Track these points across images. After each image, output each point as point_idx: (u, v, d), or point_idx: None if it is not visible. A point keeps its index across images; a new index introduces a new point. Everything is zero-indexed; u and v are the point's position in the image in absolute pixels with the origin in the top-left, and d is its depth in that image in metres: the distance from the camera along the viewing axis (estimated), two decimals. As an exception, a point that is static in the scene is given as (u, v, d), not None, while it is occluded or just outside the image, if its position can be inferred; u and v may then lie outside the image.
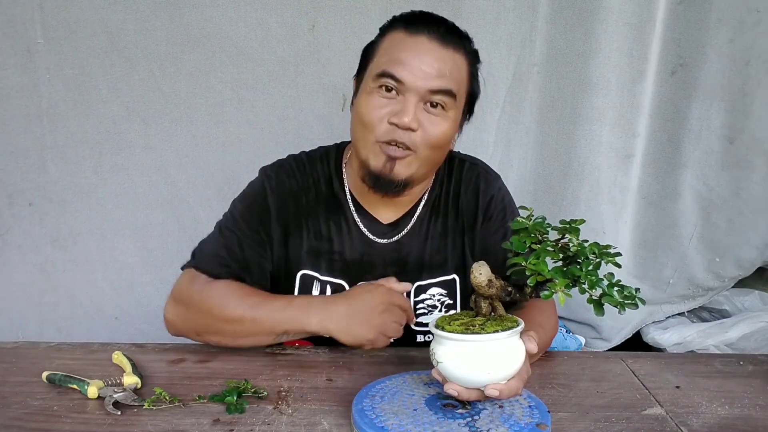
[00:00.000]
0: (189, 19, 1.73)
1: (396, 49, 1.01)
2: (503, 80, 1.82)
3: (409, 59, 0.99)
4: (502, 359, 0.78)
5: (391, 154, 1.01)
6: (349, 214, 1.14)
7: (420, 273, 1.14)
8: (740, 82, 1.76)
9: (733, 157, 1.81)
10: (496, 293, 0.80)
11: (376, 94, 1.01)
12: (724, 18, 1.73)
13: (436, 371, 0.82)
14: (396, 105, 1.00)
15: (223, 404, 0.86)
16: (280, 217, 1.11)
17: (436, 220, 1.16)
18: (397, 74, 0.99)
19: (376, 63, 1.03)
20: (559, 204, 1.88)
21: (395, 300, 1.01)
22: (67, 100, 1.79)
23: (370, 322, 0.98)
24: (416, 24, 1.02)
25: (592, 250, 0.74)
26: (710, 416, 0.87)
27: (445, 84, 1.00)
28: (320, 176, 1.15)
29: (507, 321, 0.81)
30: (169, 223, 1.87)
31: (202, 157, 1.83)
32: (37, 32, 1.74)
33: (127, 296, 1.89)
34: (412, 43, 1.00)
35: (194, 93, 1.78)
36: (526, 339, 0.81)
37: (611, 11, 1.74)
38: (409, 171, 1.03)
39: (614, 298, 0.71)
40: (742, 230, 1.84)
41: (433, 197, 1.17)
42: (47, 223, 1.86)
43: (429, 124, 1.01)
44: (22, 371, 0.97)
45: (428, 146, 1.02)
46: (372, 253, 1.13)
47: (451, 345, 0.78)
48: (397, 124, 0.99)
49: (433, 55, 1.00)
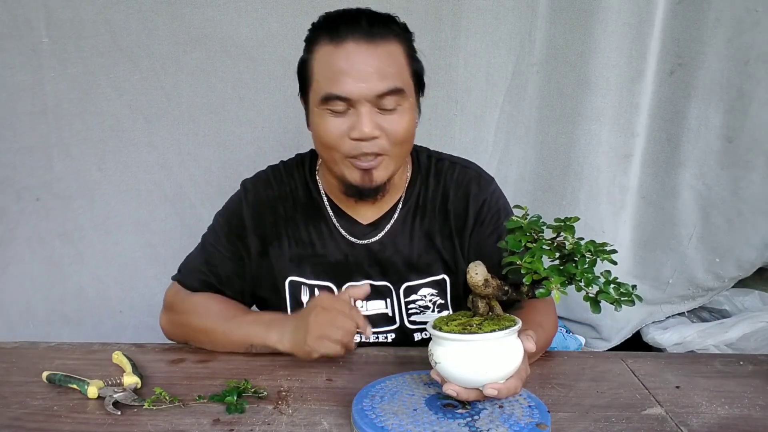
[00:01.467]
0: (191, 19, 1.73)
1: (328, 67, 0.96)
2: (502, 80, 1.81)
3: (344, 73, 0.95)
4: (500, 358, 0.77)
5: (364, 167, 1.00)
6: (328, 218, 1.13)
7: (408, 274, 1.12)
8: (739, 81, 1.74)
9: (732, 156, 1.79)
10: (492, 293, 0.79)
11: (328, 116, 0.98)
12: (723, 18, 1.71)
13: (435, 372, 0.81)
14: (350, 118, 0.97)
15: (223, 404, 0.85)
16: (257, 229, 1.12)
17: (421, 221, 1.13)
18: (341, 93, 0.95)
19: (316, 85, 0.99)
20: (559, 203, 1.86)
21: (336, 305, 0.95)
22: (71, 98, 1.79)
23: (306, 329, 0.94)
24: (338, 30, 0.96)
25: (588, 247, 0.72)
26: (710, 416, 0.86)
27: (390, 84, 0.96)
28: (297, 184, 1.15)
29: (504, 320, 0.80)
30: (171, 219, 1.87)
31: (204, 155, 1.83)
32: (42, 32, 1.74)
33: (132, 290, 1.90)
34: (341, 54, 0.95)
35: (196, 92, 1.78)
36: (524, 338, 0.80)
37: (610, 11, 1.72)
38: (387, 172, 1.03)
39: (610, 296, 0.71)
40: (741, 230, 1.83)
41: (415, 196, 1.14)
42: (54, 218, 1.86)
43: (389, 124, 0.98)
44: (22, 371, 0.96)
45: (397, 144, 1.01)
46: (355, 254, 1.12)
47: (448, 345, 0.77)
48: (359, 138, 0.97)
49: (365, 59, 0.95)
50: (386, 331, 1.14)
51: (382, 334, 1.14)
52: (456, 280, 1.13)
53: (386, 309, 1.13)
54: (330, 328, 0.93)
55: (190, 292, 1.13)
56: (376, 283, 1.11)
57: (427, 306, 1.13)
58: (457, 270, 1.13)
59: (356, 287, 1.01)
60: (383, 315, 1.13)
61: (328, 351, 0.94)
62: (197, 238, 1.18)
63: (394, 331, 1.14)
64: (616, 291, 0.71)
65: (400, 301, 1.12)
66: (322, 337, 0.93)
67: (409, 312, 1.13)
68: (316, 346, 0.94)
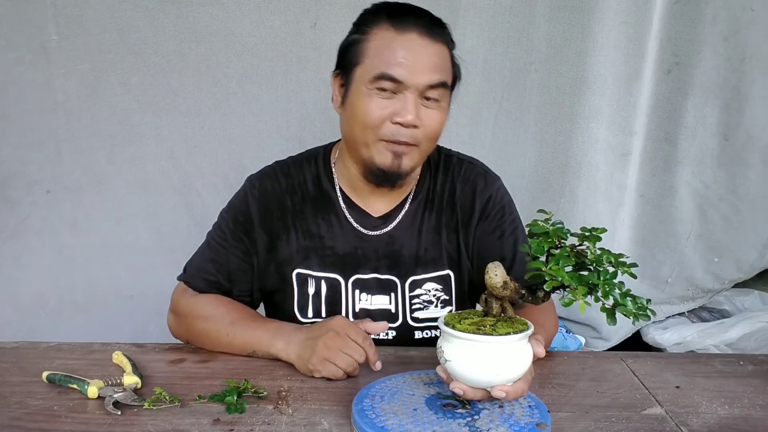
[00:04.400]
0: (196, 16, 1.74)
1: (388, 50, 0.97)
2: (500, 77, 1.79)
3: (405, 58, 0.96)
4: (512, 361, 0.75)
5: (398, 151, 0.99)
6: (339, 210, 1.10)
7: (414, 267, 1.10)
8: (735, 79, 1.73)
9: (729, 154, 1.78)
10: (510, 295, 0.76)
11: (375, 96, 0.98)
12: (719, 16, 1.70)
13: (442, 368, 0.77)
14: (396, 104, 0.98)
15: (223, 404, 0.82)
16: (264, 223, 1.10)
17: (429, 215, 1.11)
18: (396, 75, 0.96)
19: (369, 64, 0.98)
20: (557, 202, 1.84)
21: (350, 332, 0.93)
22: (80, 94, 1.80)
23: (314, 348, 0.92)
24: (402, 20, 0.98)
25: (608, 259, 0.71)
26: (710, 416, 0.83)
27: (440, 77, 0.99)
28: (306, 177, 1.13)
29: (518, 323, 0.77)
30: (179, 209, 1.88)
31: (210, 147, 1.84)
32: (51, 30, 1.74)
33: (142, 277, 1.91)
34: (403, 41, 0.97)
35: (201, 87, 1.79)
36: (534, 343, 0.78)
37: (608, 10, 1.71)
38: (413, 163, 1.03)
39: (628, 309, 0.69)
40: (739, 228, 1.81)
41: (425, 191, 1.13)
42: (64, 209, 1.87)
43: (428, 118, 0.99)
44: (22, 371, 0.93)
45: (429, 139, 1.02)
46: (365, 246, 1.09)
47: (461, 344, 0.75)
48: (401, 123, 0.97)
49: (426, 51, 0.97)
50: (388, 329, 1.10)
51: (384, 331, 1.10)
52: (460, 276, 1.11)
53: (390, 305, 1.10)
54: (338, 355, 0.91)
55: (195, 292, 1.10)
56: (382, 277, 1.09)
57: (430, 301, 1.10)
58: (460, 265, 1.11)
59: (375, 323, 0.99)
60: (386, 311, 1.10)
61: (330, 375, 0.91)
62: (204, 226, 1.16)
63: (395, 328, 1.10)
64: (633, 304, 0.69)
65: (405, 295, 1.10)
66: (328, 361, 0.91)
67: (413, 307, 1.10)
68: (319, 367, 0.91)
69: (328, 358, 0.90)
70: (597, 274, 0.69)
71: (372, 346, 0.94)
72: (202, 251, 1.13)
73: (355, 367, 0.92)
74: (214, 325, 1.03)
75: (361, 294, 1.08)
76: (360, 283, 1.08)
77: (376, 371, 0.93)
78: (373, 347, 0.94)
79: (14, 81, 1.76)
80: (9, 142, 1.81)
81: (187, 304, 1.08)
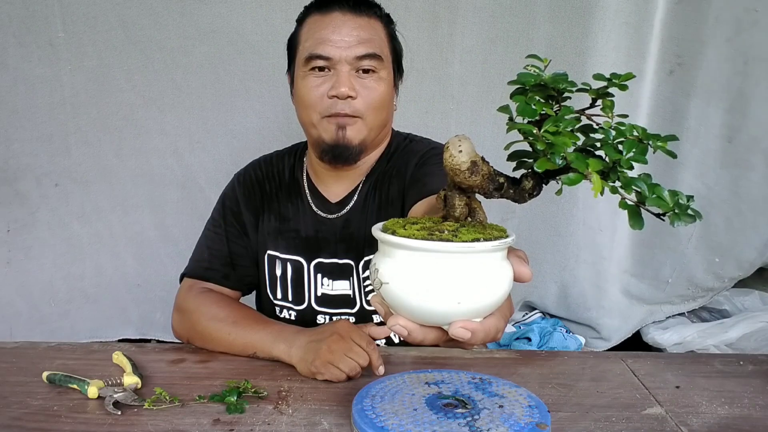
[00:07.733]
0: (199, 14, 1.75)
1: (314, 31, 1.00)
2: (500, 76, 1.76)
3: (329, 35, 0.99)
4: (481, 283, 0.49)
5: (340, 123, 1.00)
6: (304, 195, 1.12)
7: (366, 248, 1.08)
8: (738, 81, 1.68)
9: (732, 156, 1.73)
10: (480, 184, 0.51)
11: (311, 76, 1.00)
12: (722, 17, 1.65)
13: (378, 297, 0.54)
14: (330, 79, 0.99)
15: (223, 404, 0.80)
16: (248, 204, 1.13)
17: (379, 193, 1.09)
18: (324, 52, 0.98)
19: (302, 50, 1.02)
20: (557, 201, 1.81)
21: (354, 336, 0.90)
22: (87, 89, 1.82)
23: (317, 351, 0.89)
24: (327, 3, 1.01)
25: (633, 129, 0.46)
26: (710, 416, 0.81)
27: (369, 48, 0.99)
28: (285, 166, 1.16)
29: (491, 229, 0.53)
30: (182, 201, 1.90)
31: (213, 142, 1.86)
32: (58, 27, 1.76)
33: (148, 266, 1.93)
34: (327, 20, 1.00)
35: (204, 83, 1.80)
36: (515, 260, 0.54)
37: (609, 10, 1.67)
38: (360, 136, 1.02)
39: (665, 202, 0.45)
40: (741, 230, 1.77)
41: (377, 172, 1.10)
42: (73, 201, 1.90)
43: (365, 89, 1.00)
44: (22, 371, 0.91)
45: (371, 109, 1.01)
46: (325, 229, 1.09)
47: (404, 257, 0.49)
48: (336, 95, 0.98)
49: (349, 24, 0.99)
50: (347, 314, 1.10)
51: (345, 317, 1.09)
52: None
53: (349, 290, 1.09)
54: (342, 358, 0.88)
55: (199, 292, 1.08)
56: (341, 261, 1.08)
57: None
58: None
59: (378, 327, 0.96)
60: (346, 297, 1.09)
61: (332, 377, 0.88)
62: (206, 218, 1.17)
63: (354, 314, 1.09)
64: (671, 197, 0.45)
65: (360, 278, 1.08)
66: (331, 364, 0.88)
67: (366, 290, 1.08)
68: (322, 370, 0.88)
69: (332, 361, 0.87)
70: (614, 149, 0.46)
71: (376, 350, 0.91)
72: (199, 243, 1.15)
73: (357, 371, 0.89)
74: (216, 324, 1.01)
75: (323, 279, 1.08)
76: (321, 267, 1.08)
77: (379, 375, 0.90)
78: (377, 352, 0.91)
79: (23, 77, 1.78)
80: (19, 137, 1.83)
81: (191, 302, 1.07)
